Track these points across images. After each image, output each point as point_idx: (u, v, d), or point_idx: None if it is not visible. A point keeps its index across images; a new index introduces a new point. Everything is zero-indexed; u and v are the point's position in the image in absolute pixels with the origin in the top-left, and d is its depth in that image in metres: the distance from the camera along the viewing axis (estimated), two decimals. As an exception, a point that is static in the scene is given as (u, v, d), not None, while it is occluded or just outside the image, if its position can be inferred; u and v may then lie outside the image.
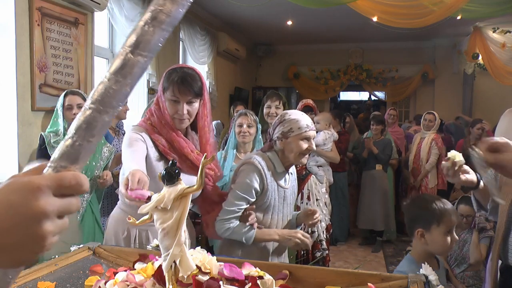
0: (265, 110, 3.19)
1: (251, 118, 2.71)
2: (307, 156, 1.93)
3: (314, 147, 1.91)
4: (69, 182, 0.49)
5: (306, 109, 3.90)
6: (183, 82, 1.68)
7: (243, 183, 1.82)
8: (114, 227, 1.83)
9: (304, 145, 1.85)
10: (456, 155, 1.54)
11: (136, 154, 1.62)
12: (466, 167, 1.56)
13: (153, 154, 1.73)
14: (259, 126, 2.82)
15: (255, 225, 1.84)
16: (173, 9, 0.53)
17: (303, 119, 1.87)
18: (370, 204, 5.14)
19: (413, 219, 1.76)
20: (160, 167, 1.72)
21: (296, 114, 1.89)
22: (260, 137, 2.81)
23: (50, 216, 0.47)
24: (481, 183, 1.62)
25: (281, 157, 1.90)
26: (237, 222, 1.81)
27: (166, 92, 1.72)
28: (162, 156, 1.74)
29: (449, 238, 1.65)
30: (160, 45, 0.54)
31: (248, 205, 1.84)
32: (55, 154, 0.53)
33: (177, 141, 1.73)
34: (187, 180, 1.64)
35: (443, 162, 1.57)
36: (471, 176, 1.57)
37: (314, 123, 3.57)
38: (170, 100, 1.72)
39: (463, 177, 1.55)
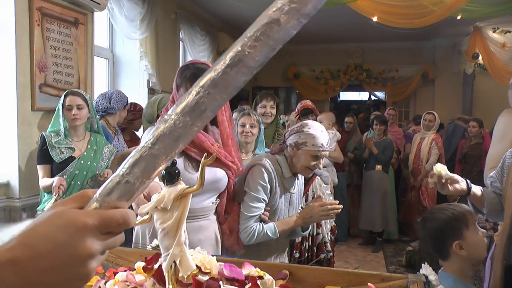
0: (259, 110, 3.18)
1: (254, 118, 2.69)
2: (312, 171, 1.93)
3: (321, 167, 1.92)
4: (117, 222, 0.48)
5: (306, 111, 3.90)
6: (196, 78, 1.66)
7: (257, 184, 1.83)
8: (141, 227, 1.84)
9: (312, 162, 1.86)
10: (441, 169, 1.56)
11: None
12: (455, 177, 1.57)
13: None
14: (262, 126, 2.81)
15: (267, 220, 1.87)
16: (260, 56, 0.49)
17: (321, 137, 1.87)
18: (370, 205, 5.14)
19: (440, 238, 1.56)
20: (180, 163, 1.71)
21: (316, 129, 1.88)
22: (263, 137, 2.79)
23: (96, 256, 0.47)
24: (472, 190, 1.63)
25: (289, 162, 1.92)
26: (258, 225, 1.82)
27: (180, 89, 1.72)
28: (183, 152, 1.73)
29: (481, 233, 1.54)
30: (239, 87, 0.51)
31: (265, 205, 1.86)
32: (103, 189, 0.50)
33: (196, 137, 1.72)
34: (211, 173, 1.70)
35: (429, 180, 1.60)
36: (461, 185, 1.59)
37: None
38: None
39: (451, 188, 1.57)
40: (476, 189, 1.65)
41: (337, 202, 1.91)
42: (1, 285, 0.42)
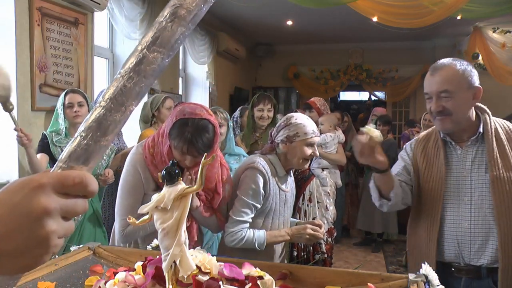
0: (256, 113, 3.14)
1: (220, 116, 2.57)
2: (309, 161, 1.93)
3: (318, 153, 1.92)
4: (73, 181, 0.46)
5: (306, 106, 3.90)
6: (194, 144, 1.56)
7: (250, 189, 1.78)
8: None
9: (308, 151, 1.85)
10: (374, 131, 1.53)
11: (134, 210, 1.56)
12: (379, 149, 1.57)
13: (150, 186, 1.70)
14: (230, 123, 2.72)
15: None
16: (193, 4, 0.51)
17: (309, 124, 1.87)
18: (370, 206, 5.14)
19: None
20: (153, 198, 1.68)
21: (302, 119, 1.88)
22: (232, 135, 2.68)
23: (53, 215, 0.44)
24: (391, 169, 1.68)
25: (283, 160, 1.89)
26: (248, 231, 1.78)
27: (174, 140, 1.59)
28: (158, 188, 1.67)
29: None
30: (180, 42, 0.51)
31: (254, 212, 1.81)
32: (62, 154, 0.50)
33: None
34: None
35: (359, 137, 1.54)
36: (384, 158, 1.59)
37: (318, 124, 3.55)
38: (176, 149, 1.60)
39: (380, 157, 1.57)
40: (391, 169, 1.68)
41: (322, 229, 1.90)
42: None
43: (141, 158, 1.69)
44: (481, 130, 1.62)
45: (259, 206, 1.81)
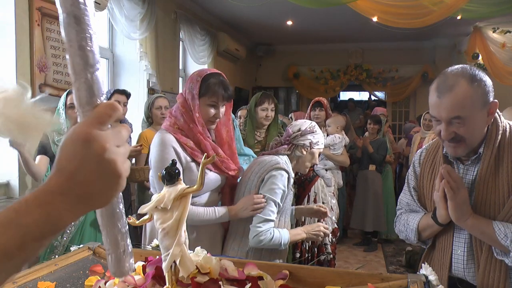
0: (260, 112, 3.08)
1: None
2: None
3: (318, 162, 2.06)
4: (106, 114, 0.56)
5: (317, 104, 3.88)
6: (225, 89, 1.81)
7: (278, 189, 1.82)
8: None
9: (317, 159, 2.00)
10: None
11: None
12: None
13: (185, 158, 1.78)
14: (236, 122, 2.72)
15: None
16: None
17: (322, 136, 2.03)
18: (362, 204, 5.18)
19: None
20: (194, 168, 1.78)
21: (319, 130, 2.02)
22: (239, 134, 2.66)
23: (110, 148, 0.54)
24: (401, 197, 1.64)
25: (294, 163, 1.95)
26: (275, 230, 1.81)
27: (204, 97, 1.78)
28: (192, 158, 1.79)
29: None
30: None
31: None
32: (75, 104, 0.59)
33: (204, 144, 1.79)
34: (213, 177, 1.82)
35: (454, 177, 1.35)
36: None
37: (326, 125, 3.64)
38: (208, 105, 1.79)
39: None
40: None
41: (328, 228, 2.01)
42: (57, 207, 0.50)
43: (171, 137, 1.77)
44: (481, 150, 1.42)
45: (280, 205, 1.86)
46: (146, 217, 0.97)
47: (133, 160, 3.48)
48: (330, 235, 3.38)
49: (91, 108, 0.58)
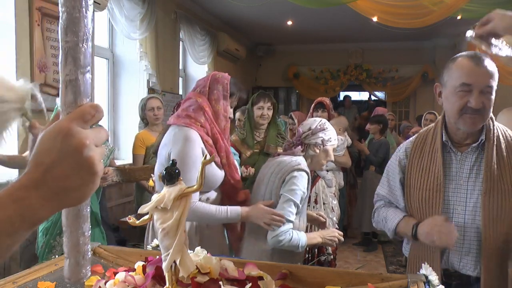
0: (256, 111, 3.06)
1: None
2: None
3: (333, 158, 2.05)
4: (89, 113, 0.57)
5: (319, 106, 3.88)
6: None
7: (298, 190, 1.82)
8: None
9: (332, 156, 1.99)
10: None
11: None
12: None
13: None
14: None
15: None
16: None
17: (335, 132, 2.02)
18: (361, 205, 5.20)
19: None
20: (210, 166, 1.81)
21: (330, 125, 2.01)
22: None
23: (89, 145, 0.54)
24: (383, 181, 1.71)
25: (309, 162, 1.95)
26: (294, 231, 1.80)
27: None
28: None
29: None
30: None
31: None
32: (59, 103, 0.62)
33: (220, 145, 1.85)
34: (221, 174, 1.87)
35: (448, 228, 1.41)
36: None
37: None
38: (227, 106, 1.90)
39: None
40: None
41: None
42: (31, 202, 0.50)
43: (196, 134, 1.80)
44: (483, 137, 1.49)
45: (299, 207, 1.86)
46: (146, 217, 0.97)
47: (132, 161, 3.49)
48: None
49: (75, 108, 0.60)
